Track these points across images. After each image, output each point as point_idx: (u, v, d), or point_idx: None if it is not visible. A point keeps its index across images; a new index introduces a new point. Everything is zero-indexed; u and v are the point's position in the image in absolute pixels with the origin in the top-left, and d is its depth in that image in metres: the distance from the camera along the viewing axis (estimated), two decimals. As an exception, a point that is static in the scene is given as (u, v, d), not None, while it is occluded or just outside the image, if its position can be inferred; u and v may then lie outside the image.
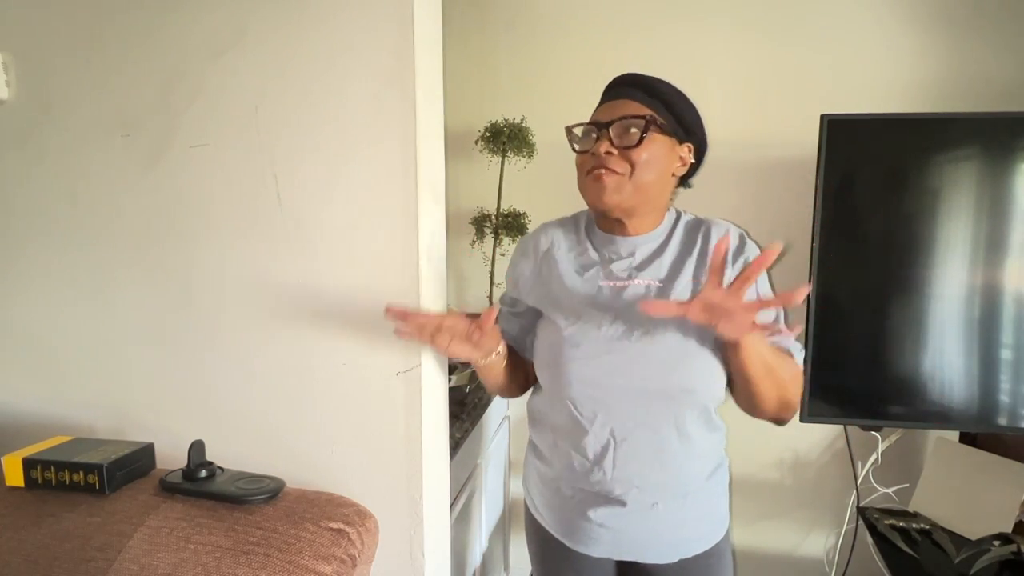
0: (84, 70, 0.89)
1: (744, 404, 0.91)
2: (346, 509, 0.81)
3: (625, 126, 0.86)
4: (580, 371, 0.89)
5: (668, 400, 0.88)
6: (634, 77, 0.91)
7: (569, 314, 0.92)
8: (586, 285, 0.94)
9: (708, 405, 0.91)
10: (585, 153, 0.89)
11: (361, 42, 0.80)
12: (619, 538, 0.95)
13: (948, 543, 1.33)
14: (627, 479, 0.91)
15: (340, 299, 0.85)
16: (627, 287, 0.91)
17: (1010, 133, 1.26)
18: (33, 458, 0.80)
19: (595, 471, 0.92)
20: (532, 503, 1.07)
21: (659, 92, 0.89)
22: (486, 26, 1.70)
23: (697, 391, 0.88)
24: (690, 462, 0.93)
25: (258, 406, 0.90)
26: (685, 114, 0.90)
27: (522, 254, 1.03)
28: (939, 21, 1.47)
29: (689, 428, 0.90)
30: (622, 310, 0.90)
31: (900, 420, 1.39)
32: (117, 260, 0.92)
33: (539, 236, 1.02)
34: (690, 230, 0.95)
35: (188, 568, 0.68)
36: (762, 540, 1.75)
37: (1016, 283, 1.28)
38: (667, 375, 0.87)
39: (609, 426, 0.90)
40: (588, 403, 0.90)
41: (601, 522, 0.94)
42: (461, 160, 1.72)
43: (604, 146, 0.86)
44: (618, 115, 0.87)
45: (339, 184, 0.83)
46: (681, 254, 0.93)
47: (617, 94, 0.91)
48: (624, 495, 0.92)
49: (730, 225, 0.94)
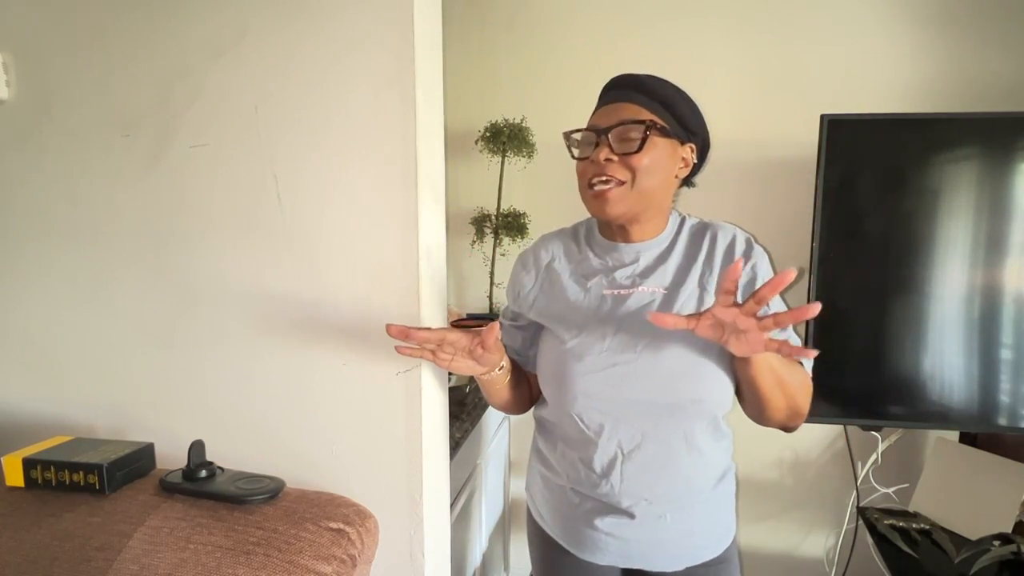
0: (84, 70, 0.89)
1: (753, 413, 0.89)
2: (346, 509, 0.80)
3: (625, 132, 0.84)
4: (585, 385, 0.87)
5: (676, 412, 0.86)
6: (632, 78, 0.89)
7: (572, 326, 0.90)
8: (589, 295, 0.92)
9: (717, 414, 0.90)
10: (585, 160, 0.87)
11: (361, 42, 0.79)
12: (626, 547, 0.93)
13: (948, 543, 1.33)
14: (636, 492, 0.89)
15: (340, 299, 0.85)
16: (631, 295, 0.89)
17: (1010, 133, 1.26)
18: (33, 458, 0.80)
19: (603, 484, 0.90)
20: (536, 509, 1.05)
21: (658, 93, 0.86)
22: (486, 26, 1.70)
23: (705, 401, 0.86)
24: (699, 472, 0.91)
25: (258, 406, 0.90)
26: (686, 114, 0.87)
27: (523, 267, 1.01)
28: (939, 21, 1.47)
29: (698, 439, 0.89)
30: (626, 320, 0.88)
31: (900, 420, 1.39)
32: (117, 260, 0.92)
33: (539, 249, 1.00)
34: (695, 235, 0.92)
35: (188, 568, 0.68)
36: (762, 540, 1.75)
37: (1016, 283, 1.28)
38: (674, 387, 0.85)
39: (616, 439, 0.88)
40: (594, 416, 0.89)
41: (608, 531, 0.92)
42: (461, 160, 1.72)
43: (604, 153, 0.84)
44: (617, 120, 0.85)
45: (339, 184, 0.83)
46: (686, 260, 0.90)
47: (615, 97, 0.88)
48: (632, 507, 0.90)
49: (736, 229, 0.92)
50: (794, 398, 0.84)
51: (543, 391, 0.96)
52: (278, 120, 0.84)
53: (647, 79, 0.88)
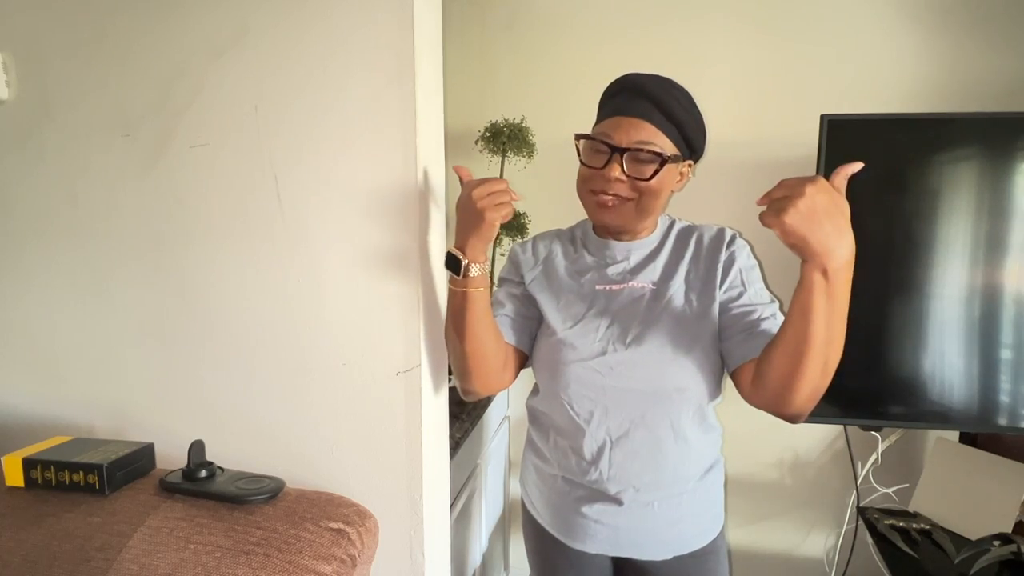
0: (84, 70, 0.89)
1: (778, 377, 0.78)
2: (346, 509, 0.80)
3: (640, 158, 0.85)
4: (577, 372, 0.91)
5: (662, 400, 0.90)
6: (651, 90, 0.86)
7: (567, 318, 0.94)
8: (583, 290, 0.96)
9: (702, 404, 0.92)
10: (592, 168, 0.89)
11: (361, 42, 0.79)
12: (615, 534, 0.96)
13: (948, 543, 1.33)
14: (624, 479, 0.92)
15: (340, 299, 0.85)
16: (622, 290, 0.94)
17: (1010, 133, 1.26)
18: (33, 458, 0.80)
19: (592, 471, 0.93)
20: (529, 501, 1.08)
21: (675, 116, 0.86)
22: (486, 26, 1.69)
23: (689, 389, 0.89)
24: (685, 462, 0.94)
25: (258, 406, 0.90)
26: (695, 137, 0.90)
27: (522, 251, 1.05)
28: (939, 21, 1.47)
29: (685, 428, 0.91)
30: (618, 313, 0.92)
31: (900, 420, 1.39)
32: (117, 260, 0.92)
33: (538, 243, 1.05)
34: (682, 235, 0.98)
35: (188, 568, 0.68)
36: (762, 540, 1.75)
37: (1016, 283, 1.28)
38: (660, 375, 0.89)
39: (605, 426, 0.92)
40: (584, 404, 0.92)
41: (597, 518, 0.95)
42: (461, 160, 1.71)
43: (616, 171, 0.85)
44: (634, 140, 0.85)
45: (339, 184, 0.83)
46: (674, 257, 0.95)
47: (632, 109, 0.86)
48: (620, 494, 0.93)
49: (722, 226, 0.97)
50: (834, 345, 0.75)
51: (537, 378, 0.99)
52: (278, 120, 0.83)
53: (666, 96, 0.86)
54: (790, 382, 0.76)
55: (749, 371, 0.85)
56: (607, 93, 0.93)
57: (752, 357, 0.84)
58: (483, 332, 0.86)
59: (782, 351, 0.77)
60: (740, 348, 0.87)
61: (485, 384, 0.91)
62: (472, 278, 0.82)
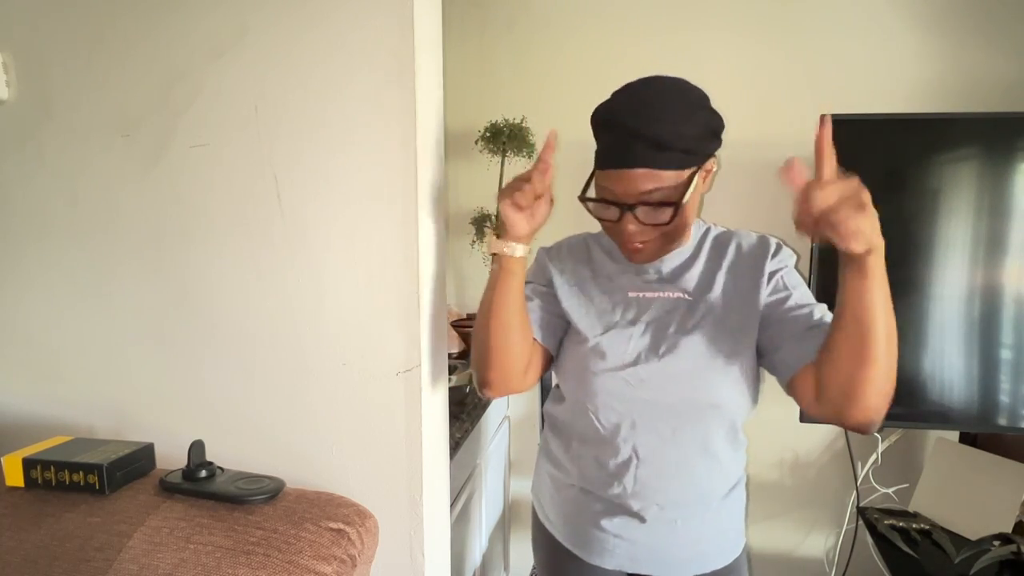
0: (84, 70, 0.89)
1: (844, 379, 0.73)
2: (346, 509, 0.80)
3: (653, 208, 0.79)
4: (605, 383, 0.87)
5: (695, 416, 0.86)
6: (640, 129, 0.76)
7: (597, 325, 0.90)
8: (614, 297, 0.92)
9: (735, 421, 0.89)
10: (607, 221, 0.84)
11: (361, 42, 0.79)
12: (633, 549, 0.92)
13: (948, 543, 1.33)
14: (648, 496, 0.89)
15: (340, 299, 0.85)
16: (655, 299, 0.89)
17: (1010, 133, 1.26)
18: (33, 458, 0.80)
19: (615, 484, 0.90)
20: (542, 511, 1.04)
21: (675, 143, 0.76)
22: (486, 26, 1.70)
23: (724, 406, 0.85)
24: (713, 479, 0.91)
25: (258, 406, 0.90)
26: (704, 140, 0.80)
27: (548, 256, 1.00)
28: (940, 21, 1.47)
29: (716, 445, 0.88)
30: (650, 323, 0.88)
31: (900, 420, 1.39)
32: (117, 260, 0.92)
33: (563, 247, 1.00)
34: (719, 242, 0.92)
35: (188, 568, 0.68)
36: (762, 540, 1.75)
37: (1016, 283, 1.28)
38: (694, 390, 0.84)
39: (632, 442, 0.88)
40: (611, 416, 0.88)
41: (617, 532, 0.92)
42: (461, 160, 1.72)
43: (632, 225, 0.81)
44: (640, 193, 0.78)
45: (339, 184, 0.83)
46: (711, 266, 0.90)
47: (628, 159, 0.77)
48: (643, 510, 0.90)
49: (763, 234, 0.92)
50: (893, 337, 0.74)
51: (563, 387, 0.95)
52: (278, 120, 0.83)
53: (655, 127, 0.76)
54: (855, 384, 0.72)
55: (809, 378, 0.78)
56: (597, 122, 0.84)
57: (810, 360, 0.78)
58: (511, 316, 0.85)
59: (845, 349, 0.72)
60: (795, 352, 0.81)
61: (503, 377, 0.87)
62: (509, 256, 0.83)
